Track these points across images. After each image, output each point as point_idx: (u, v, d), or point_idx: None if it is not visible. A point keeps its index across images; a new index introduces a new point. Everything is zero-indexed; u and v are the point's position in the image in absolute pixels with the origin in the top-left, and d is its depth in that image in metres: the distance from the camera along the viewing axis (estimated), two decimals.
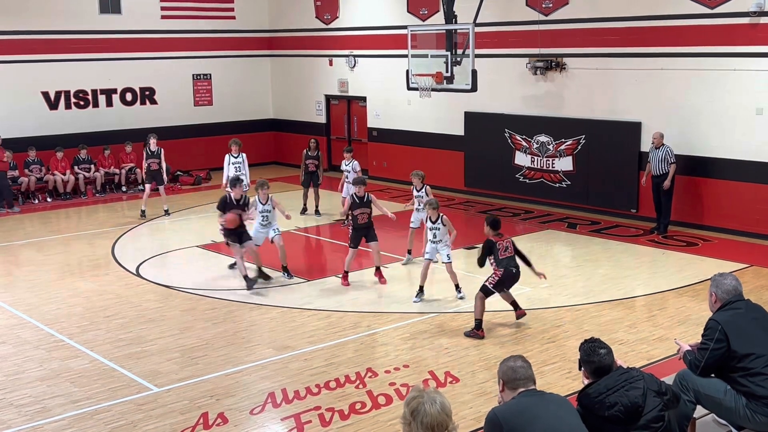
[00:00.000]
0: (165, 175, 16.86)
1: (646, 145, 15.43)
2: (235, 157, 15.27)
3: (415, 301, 11.16)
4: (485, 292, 9.73)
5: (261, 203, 12.25)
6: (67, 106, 20.41)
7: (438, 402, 3.97)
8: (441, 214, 11.21)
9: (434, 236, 11.18)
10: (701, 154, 14.66)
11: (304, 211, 16.45)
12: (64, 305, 11.26)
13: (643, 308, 10.79)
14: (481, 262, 9.88)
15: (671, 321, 10.21)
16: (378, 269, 12.22)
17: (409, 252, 13.17)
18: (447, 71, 15.25)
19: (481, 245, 9.88)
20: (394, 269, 12.79)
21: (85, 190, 19.49)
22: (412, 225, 13.10)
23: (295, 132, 23.35)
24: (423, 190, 12.96)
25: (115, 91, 21.14)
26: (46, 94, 20.08)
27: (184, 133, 22.19)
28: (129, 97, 21.41)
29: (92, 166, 19.82)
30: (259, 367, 8.90)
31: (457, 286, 11.22)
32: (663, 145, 14.35)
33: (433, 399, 3.98)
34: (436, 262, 11.43)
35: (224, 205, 12.08)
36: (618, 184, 15.98)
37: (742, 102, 14.12)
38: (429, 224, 11.28)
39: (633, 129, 15.64)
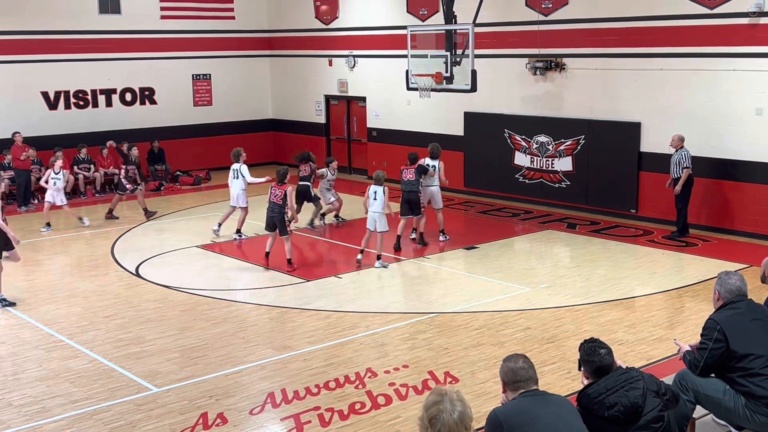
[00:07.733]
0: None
1: (645, 146, 15.43)
2: (56, 173, 16.01)
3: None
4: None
5: (54, 172, 15.85)
6: (67, 106, 20.40)
7: (457, 412, 3.86)
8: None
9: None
10: (700, 154, 14.62)
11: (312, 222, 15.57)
12: (63, 305, 11.25)
13: (642, 308, 10.78)
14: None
15: (670, 321, 10.21)
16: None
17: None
18: (446, 71, 15.22)
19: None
20: (394, 269, 12.81)
21: (84, 190, 19.48)
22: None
23: (295, 132, 23.37)
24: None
25: (114, 91, 21.14)
26: (45, 94, 20.07)
27: (183, 134, 22.20)
28: (128, 97, 21.40)
29: (92, 166, 19.81)
30: (259, 368, 8.90)
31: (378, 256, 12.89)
32: (682, 147, 14.03)
33: (453, 408, 3.87)
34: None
35: None
36: (617, 185, 15.98)
37: (742, 102, 14.11)
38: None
39: (632, 129, 15.64)
